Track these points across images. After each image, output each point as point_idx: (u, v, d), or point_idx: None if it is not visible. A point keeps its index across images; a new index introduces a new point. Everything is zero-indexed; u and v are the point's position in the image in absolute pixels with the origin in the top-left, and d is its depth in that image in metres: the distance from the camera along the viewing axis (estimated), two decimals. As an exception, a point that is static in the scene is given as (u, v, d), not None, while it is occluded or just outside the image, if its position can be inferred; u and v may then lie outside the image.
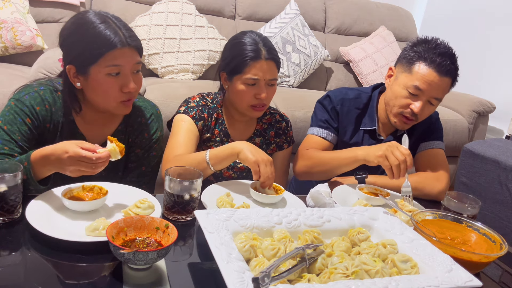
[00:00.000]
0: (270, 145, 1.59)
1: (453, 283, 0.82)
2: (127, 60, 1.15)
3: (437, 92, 1.45)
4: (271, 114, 1.61)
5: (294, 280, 0.81)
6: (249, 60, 1.35)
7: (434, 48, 1.44)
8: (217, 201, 1.16)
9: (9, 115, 1.16)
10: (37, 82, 1.25)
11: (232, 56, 1.39)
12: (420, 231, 1.03)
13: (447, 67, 1.42)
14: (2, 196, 0.93)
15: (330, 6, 3.42)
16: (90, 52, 1.12)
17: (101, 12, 1.19)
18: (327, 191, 1.21)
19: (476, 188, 2.02)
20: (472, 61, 3.45)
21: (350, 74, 3.35)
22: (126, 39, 1.14)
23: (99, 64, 1.13)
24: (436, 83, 1.42)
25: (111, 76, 1.14)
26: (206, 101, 1.49)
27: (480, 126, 2.99)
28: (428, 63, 1.43)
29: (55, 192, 1.06)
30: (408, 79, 1.46)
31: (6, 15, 2.38)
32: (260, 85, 1.38)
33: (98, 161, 1.00)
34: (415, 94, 1.45)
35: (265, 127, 1.58)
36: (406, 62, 1.48)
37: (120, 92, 1.17)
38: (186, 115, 1.43)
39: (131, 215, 0.99)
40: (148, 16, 2.77)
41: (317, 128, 1.63)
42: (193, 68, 2.78)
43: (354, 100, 1.63)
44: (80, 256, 0.87)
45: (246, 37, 1.40)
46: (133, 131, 1.34)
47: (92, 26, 1.13)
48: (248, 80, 1.37)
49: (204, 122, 1.46)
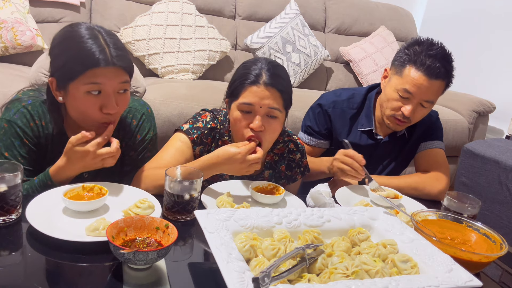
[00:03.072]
0: (280, 180, 1.44)
1: (453, 283, 0.82)
2: (110, 79, 1.08)
3: (427, 96, 1.44)
4: (284, 142, 1.41)
5: (294, 280, 0.81)
6: (246, 84, 1.21)
7: (426, 49, 1.42)
8: (217, 201, 1.16)
9: (6, 140, 1.16)
10: (25, 94, 1.22)
11: (234, 80, 1.27)
12: (420, 231, 1.03)
13: (437, 69, 1.40)
14: (2, 196, 0.93)
15: (330, 6, 3.43)
16: (71, 68, 1.06)
17: (95, 26, 1.12)
18: (327, 191, 1.21)
19: (476, 188, 2.02)
20: (472, 61, 3.45)
21: (350, 74, 3.35)
22: (112, 58, 1.07)
23: (79, 81, 1.06)
24: (425, 86, 1.41)
25: (91, 94, 1.08)
26: (216, 123, 1.33)
27: (480, 126, 2.99)
28: (418, 66, 1.42)
29: (55, 192, 1.06)
30: (398, 81, 1.46)
31: (6, 15, 2.38)
32: (256, 113, 1.20)
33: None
34: (405, 97, 1.45)
35: (276, 159, 1.41)
36: (398, 65, 1.48)
37: (99, 112, 1.10)
38: (187, 136, 1.29)
39: (131, 215, 0.99)
40: (148, 16, 2.77)
41: (302, 133, 1.69)
42: (193, 68, 2.78)
43: (347, 101, 1.64)
44: (80, 256, 0.87)
45: (255, 63, 1.25)
46: (126, 135, 1.31)
47: (79, 41, 1.07)
48: (242, 106, 1.21)
49: (204, 147, 1.31)
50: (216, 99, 1.45)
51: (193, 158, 1.30)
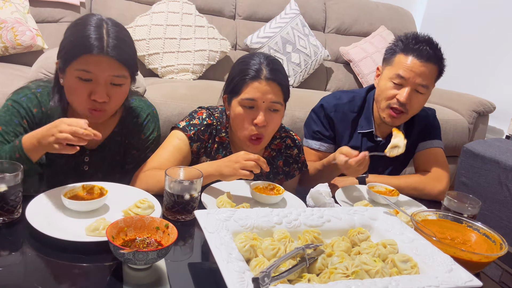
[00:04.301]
0: (277, 175, 1.45)
1: (453, 283, 0.82)
2: (101, 68, 1.09)
3: (421, 79, 1.45)
4: (281, 138, 1.44)
5: (294, 280, 0.81)
6: (247, 79, 1.23)
7: (413, 39, 1.47)
8: (217, 201, 1.16)
9: (6, 116, 1.16)
10: (35, 83, 1.25)
11: (233, 76, 1.28)
12: (420, 231, 1.03)
13: (426, 51, 1.43)
14: (2, 196, 0.93)
15: (330, 6, 3.42)
16: (68, 51, 1.10)
17: (105, 18, 1.15)
18: (327, 191, 1.21)
19: (476, 188, 2.02)
20: (472, 61, 3.45)
21: (350, 74, 3.35)
22: (107, 47, 1.08)
23: (73, 65, 1.09)
24: (418, 68, 1.44)
25: (81, 80, 1.10)
26: (212, 120, 1.35)
27: (480, 126, 2.99)
28: (407, 52, 1.46)
29: (55, 192, 1.06)
30: (390, 71, 1.49)
31: (6, 15, 2.38)
32: (258, 108, 1.24)
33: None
34: (399, 83, 1.46)
35: (274, 155, 1.43)
36: (388, 57, 1.53)
37: (88, 98, 1.12)
38: (184, 134, 1.30)
39: (131, 215, 0.99)
40: (148, 16, 2.77)
41: (311, 140, 1.63)
42: (193, 68, 2.78)
43: (348, 104, 1.62)
44: (80, 256, 0.87)
45: (253, 58, 1.27)
46: (129, 132, 1.32)
47: (82, 28, 1.10)
48: (244, 101, 1.23)
49: (201, 144, 1.33)
50: (216, 99, 1.45)
51: (191, 155, 1.32)
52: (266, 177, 1.42)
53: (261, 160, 1.16)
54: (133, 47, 1.18)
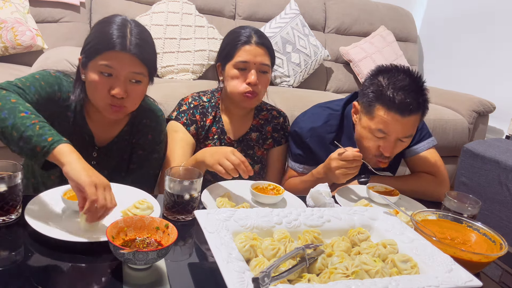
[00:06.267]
0: (266, 140, 1.59)
1: (453, 283, 0.82)
2: (122, 65, 1.13)
3: (403, 132, 1.34)
4: (267, 110, 1.61)
5: (294, 280, 0.81)
6: (239, 45, 1.40)
7: (392, 81, 1.31)
8: (217, 201, 1.16)
9: (50, 78, 1.19)
10: (62, 74, 1.27)
11: (225, 44, 1.45)
12: (420, 231, 1.03)
13: (409, 105, 1.29)
14: (2, 196, 0.93)
15: (330, 6, 3.42)
16: (92, 47, 1.14)
17: (128, 19, 1.19)
18: (327, 191, 1.21)
19: (476, 188, 2.02)
20: (472, 61, 3.45)
21: (350, 74, 3.35)
22: (130, 45, 1.13)
23: (95, 60, 1.13)
24: (400, 124, 1.31)
25: (103, 75, 1.14)
26: (199, 101, 1.50)
27: (480, 126, 2.99)
28: (388, 105, 1.30)
29: (55, 192, 1.06)
30: (370, 123, 1.36)
31: (6, 15, 2.38)
32: (250, 69, 1.40)
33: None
34: (381, 137, 1.36)
35: (262, 123, 1.59)
36: (366, 104, 1.37)
37: (107, 93, 1.15)
38: (178, 123, 1.46)
39: (130, 215, 0.99)
40: (148, 16, 2.77)
41: (293, 162, 1.59)
42: (193, 68, 2.78)
43: (324, 126, 1.52)
44: (80, 256, 0.87)
45: (243, 28, 1.45)
46: (137, 132, 1.34)
47: (108, 26, 1.15)
48: (238, 64, 1.40)
49: (197, 125, 1.47)
50: (216, 99, 1.48)
51: (193, 138, 1.46)
52: (256, 142, 1.57)
53: (242, 167, 1.15)
54: (153, 48, 1.22)
